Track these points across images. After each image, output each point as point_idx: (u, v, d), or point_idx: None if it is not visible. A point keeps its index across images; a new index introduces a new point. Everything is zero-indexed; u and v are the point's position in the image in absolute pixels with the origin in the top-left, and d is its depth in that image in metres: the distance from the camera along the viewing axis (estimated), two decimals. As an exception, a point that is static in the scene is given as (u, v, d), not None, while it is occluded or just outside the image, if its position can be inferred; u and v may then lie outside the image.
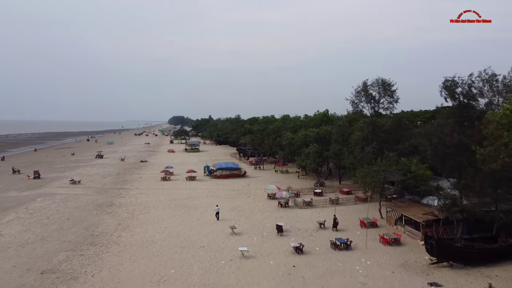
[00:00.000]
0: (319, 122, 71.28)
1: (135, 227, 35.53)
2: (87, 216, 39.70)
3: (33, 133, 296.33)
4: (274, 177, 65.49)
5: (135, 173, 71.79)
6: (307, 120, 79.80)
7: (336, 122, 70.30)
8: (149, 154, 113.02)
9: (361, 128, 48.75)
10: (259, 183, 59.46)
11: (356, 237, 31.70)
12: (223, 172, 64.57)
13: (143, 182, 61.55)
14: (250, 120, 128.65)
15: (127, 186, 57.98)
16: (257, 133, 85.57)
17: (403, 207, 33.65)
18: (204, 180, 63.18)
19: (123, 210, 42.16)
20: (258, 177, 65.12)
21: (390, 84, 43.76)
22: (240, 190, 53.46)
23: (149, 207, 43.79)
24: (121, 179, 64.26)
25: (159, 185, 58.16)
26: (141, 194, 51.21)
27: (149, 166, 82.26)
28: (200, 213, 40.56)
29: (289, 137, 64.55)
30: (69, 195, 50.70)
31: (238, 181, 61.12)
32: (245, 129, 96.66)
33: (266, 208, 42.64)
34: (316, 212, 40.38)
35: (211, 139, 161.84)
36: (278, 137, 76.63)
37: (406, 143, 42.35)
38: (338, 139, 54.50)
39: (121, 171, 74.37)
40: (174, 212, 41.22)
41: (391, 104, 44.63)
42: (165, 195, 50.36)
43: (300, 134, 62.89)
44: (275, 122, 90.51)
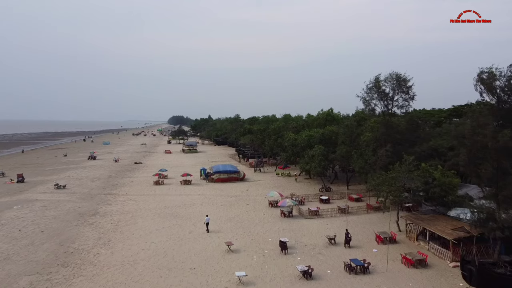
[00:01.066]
0: (323, 122, 66.76)
1: (117, 242, 30.94)
2: (65, 228, 35.12)
3: (29, 133, 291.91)
4: (276, 180, 60.94)
5: (127, 176, 67.24)
6: (310, 119, 75.19)
7: (342, 122, 65.86)
8: (144, 155, 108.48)
9: (371, 128, 44.26)
10: (260, 187, 54.92)
11: (373, 255, 27.16)
12: (220, 176, 60.03)
13: (134, 186, 56.98)
14: (249, 119, 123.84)
15: (116, 191, 53.39)
16: (257, 134, 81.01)
17: (427, 220, 29.07)
18: (200, 184, 58.62)
19: (107, 221, 37.59)
20: (259, 181, 60.55)
21: (406, 80, 39.18)
22: (238, 196, 48.89)
23: (136, 216, 39.23)
24: (111, 183, 59.70)
25: (151, 190, 53.59)
26: (130, 201, 46.63)
27: (142, 169, 77.69)
28: (193, 224, 35.99)
29: (292, 138, 60.02)
30: (51, 202, 46.12)
31: (237, 186, 56.58)
32: (244, 129, 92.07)
33: (268, 218, 38.08)
34: (323, 223, 35.82)
35: (209, 139, 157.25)
36: (280, 137, 72.16)
37: (424, 145, 37.82)
38: (345, 140, 49.94)
39: (112, 174, 69.82)
40: (164, 222, 36.65)
41: (406, 101, 40.04)
42: (156, 202, 45.79)
43: (303, 135, 58.33)
44: (276, 122, 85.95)
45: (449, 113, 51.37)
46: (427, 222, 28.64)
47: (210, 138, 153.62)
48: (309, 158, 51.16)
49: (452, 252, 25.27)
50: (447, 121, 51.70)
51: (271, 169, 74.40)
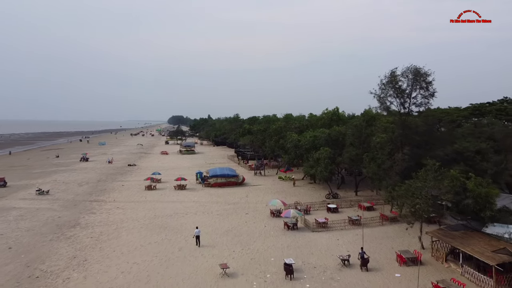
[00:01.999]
0: (328, 122, 62.21)
1: (94, 262, 26.45)
2: (37, 243, 30.64)
3: (27, 133, 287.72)
4: (277, 185, 56.44)
5: (118, 180, 62.77)
6: (313, 119, 70.62)
7: (348, 122, 61.38)
8: (140, 156, 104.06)
9: (385, 129, 39.77)
10: (260, 193, 50.42)
11: (396, 281, 22.68)
12: (217, 180, 55.51)
13: (124, 191, 52.48)
14: (249, 119, 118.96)
15: (103, 197, 48.91)
16: (257, 134, 76.45)
17: (458, 238, 24.56)
18: (196, 189, 54.11)
19: (87, 234, 33.10)
20: (259, 186, 56.04)
21: (426, 74, 34.65)
22: (237, 204, 44.40)
23: (121, 228, 34.74)
24: (100, 188, 55.21)
25: (142, 196, 49.10)
26: (116, 209, 42.15)
27: (136, 171, 73.19)
28: (185, 238, 31.48)
29: (295, 139, 55.49)
30: (29, 210, 41.65)
31: (235, 191, 52.07)
32: (244, 129, 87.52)
33: (269, 230, 33.58)
34: (333, 238, 31.30)
35: (208, 140, 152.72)
36: (281, 138, 67.66)
37: (447, 148, 33.30)
38: (354, 142, 45.42)
39: (102, 178, 65.34)
40: (151, 236, 32.15)
41: (425, 99, 35.51)
42: (145, 211, 41.31)
43: (307, 136, 53.80)
44: (277, 121, 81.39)
45: (470, 112, 46.92)
46: (460, 240, 24.13)
47: (209, 139, 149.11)
48: (314, 161, 46.64)
49: (495, 280, 20.76)
50: (468, 121, 47.23)
51: (272, 172, 69.92)
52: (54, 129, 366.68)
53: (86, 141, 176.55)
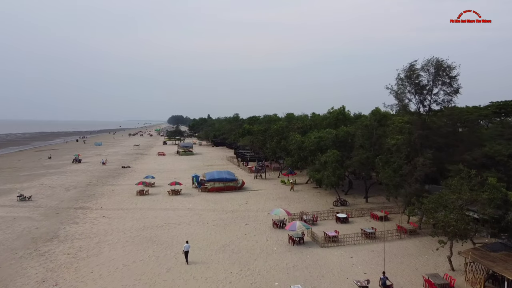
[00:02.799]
0: (333, 122, 58.08)
1: (65, 287, 22.38)
2: (4, 261, 26.55)
3: (24, 133, 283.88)
4: (280, 190, 52.33)
5: (109, 184, 58.71)
6: (318, 119, 66.46)
7: (355, 122, 57.30)
8: (135, 157, 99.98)
9: (400, 129, 35.68)
10: (261, 199, 46.33)
11: (428, 317, 18.59)
12: (215, 184, 51.39)
13: (114, 197, 48.38)
14: (249, 119, 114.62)
15: (90, 203, 44.84)
16: (257, 134, 72.32)
17: (500, 260, 20.47)
18: (191, 194, 50.01)
19: (64, 249, 29.02)
20: (259, 191, 51.93)
21: (450, 67, 30.55)
22: (235, 212, 40.31)
23: (104, 242, 30.65)
24: (88, 193, 51.12)
25: (132, 203, 45.02)
26: (102, 218, 38.08)
27: (129, 174, 69.09)
28: (175, 255, 27.39)
29: (298, 140, 51.38)
30: (5, 220, 37.57)
31: (234, 197, 47.99)
32: (243, 130, 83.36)
33: (272, 245, 29.50)
34: (346, 255, 27.22)
35: (207, 140, 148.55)
36: (283, 139, 63.60)
37: (475, 151, 29.18)
38: (364, 144, 41.33)
39: (92, 181, 61.28)
40: (137, 252, 28.08)
41: (449, 96, 31.40)
42: (134, 220, 37.23)
43: (312, 137, 49.68)
44: (279, 121, 77.25)
45: (493, 111, 42.80)
46: (503, 264, 20.02)
47: (208, 139, 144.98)
48: (321, 165, 42.52)
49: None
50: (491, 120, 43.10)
51: (273, 174, 65.83)
52: (53, 129, 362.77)
53: (83, 141, 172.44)
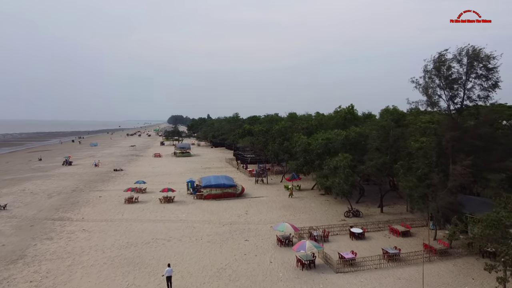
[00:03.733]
0: (341, 122, 53.23)
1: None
2: (-51, 293, 21.80)
3: (21, 133, 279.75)
4: (283, 196, 47.47)
5: (97, 189, 53.93)
6: (325, 118, 61.51)
7: (365, 122, 52.55)
8: (130, 159, 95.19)
9: (424, 130, 30.83)
10: (263, 208, 41.50)
11: None
12: (211, 191, 46.53)
13: (99, 205, 43.59)
14: (250, 119, 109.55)
15: (71, 213, 40.04)
16: (258, 135, 67.47)
17: None
18: (185, 202, 45.17)
19: (28, 275, 24.21)
20: (261, 198, 47.08)
21: (488, 57, 25.67)
22: (234, 224, 35.48)
23: (77, 264, 25.83)
24: (72, 200, 46.34)
25: (118, 212, 40.23)
26: (81, 232, 33.27)
27: (120, 178, 64.30)
28: (159, 284, 22.54)
29: (304, 142, 46.52)
30: (-32, 234, 32.79)
31: (233, 205, 43.17)
32: (243, 130, 78.52)
33: (277, 269, 24.66)
34: (367, 283, 22.35)
35: (206, 141, 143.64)
36: (286, 140, 58.83)
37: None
38: (380, 147, 36.48)
39: (80, 186, 56.52)
40: (114, 280, 23.25)
41: (486, 91, 26.54)
42: (117, 235, 32.40)
43: (319, 138, 44.83)
44: (281, 121, 72.39)
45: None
46: None
47: (207, 139, 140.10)
48: (330, 170, 37.65)
49: None
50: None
51: (276, 179, 60.97)
52: (51, 129, 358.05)
53: (78, 142, 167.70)
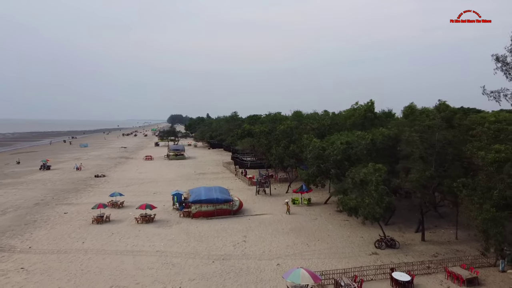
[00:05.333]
0: (360, 121, 43.97)
1: None
2: None
3: (14, 132, 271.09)
4: (291, 214, 38.24)
5: (66, 202, 44.82)
6: (340, 118, 52.13)
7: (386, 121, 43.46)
8: (117, 162, 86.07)
9: (493, 134, 21.58)
10: (266, 232, 32.27)
11: None
12: (202, 208, 37.30)
13: (58, 227, 34.41)
14: (249, 118, 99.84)
15: (18, 239, 30.85)
16: (260, 137, 58.23)
17: None
18: (169, 221, 35.97)
19: None
20: (263, 216, 37.83)
21: None
22: (227, 259, 26.22)
23: None
24: (27, 219, 37.15)
25: (79, 238, 31.04)
26: (16, 273, 24.07)
27: (99, 186, 55.16)
28: None
29: (317, 147, 37.30)
30: None
31: (228, 227, 33.96)
32: (242, 130, 69.28)
33: None
34: None
35: (203, 141, 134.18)
36: (292, 143, 49.73)
37: None
38: (425, 154, 27.23)
39: (47, 197, 47.40)
40: None
41: None
42: (64, 278, 23.17)
43: (337, 142, 35.58)
44: (286, 120, 63.12)
45: None
46: None
47: (204, 140, 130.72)
48: (356, 186, 28.34)
49: None
50: None
51: (281, 188, 51.72)
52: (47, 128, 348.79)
53: (69, 142, 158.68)
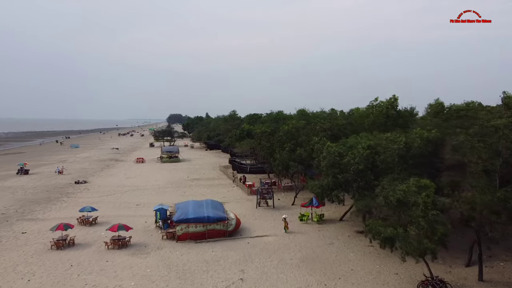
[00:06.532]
0: (383, 121, 36.56)
1: None
2: None
3: (8, 132, 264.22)
4: (301, 235, 30.81)
5: (30, 216, 37.63)
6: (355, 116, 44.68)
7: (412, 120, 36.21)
8: (105, 165, 78.85)
9: None
10: (270, 265, 24.80)
11: None
12: (189, 228, 29.87)
13: (8, 254, 27.05)
14: (249, 117, 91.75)
15: None
16: (261, 138, 50.85)
17: None
18: (147, 246, 28.56)
19: None
20: (266, 238, 30.38)
21: None
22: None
23: None
24: (-27, 242, 29.88)
25: (26, 273, 23.68)
26: None
27: (76, 196, 47.89)
28: None
29: (333, 152, 29.89)
30: None
31: (221, 255, 26.54)
32: (241, 131, 61.83)
33: None
34: None
35: (201, 142, 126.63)
36: (299, 146, 42.48)
37: None
38: (489, 167, 19.80)
39: (10, 210, 40.18)
40: None
41: None
42: None
43: (359, 147, 28.19)
44: (291, 120, 55.74)
45: None
46: None
47: (201, 140, 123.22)
48: (391, 205, 20.97)
49: None
50: None
51: (285, 198, 44.34)
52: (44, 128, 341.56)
53: (60, 143, 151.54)
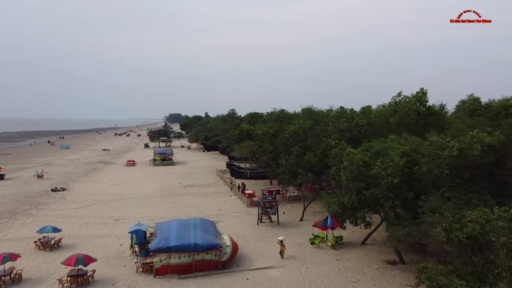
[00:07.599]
0: (412, 120, 29.88)
1: None
2: None
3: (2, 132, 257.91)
4: (312, 266, 24.24)
5: (-16, 236, 30.95)
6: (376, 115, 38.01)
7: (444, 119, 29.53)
8: (92, 168, 72.17)
9: None
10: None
11: None
12: (171, 259, 23.17)
13: None
14: (249, 116, 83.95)
15: None
16: (262, 140, 44.16)
17: None
18: (115, 284, 21.96)
19: None
20: (270, 272, 23.68)
21: None
22: None
23: None
24: None
25: None
26: None
27: (50, 206, 41.33)
28: None
29: (357, 161, 23.23)
30: None
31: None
32: (240, 131, 55.11)
33: None
34: None
35: (198, 142, 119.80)
36: (308, 150, 35.98)
37: None
38: None
39: (-37, 228, 33.55)
40: None
41: None
42: None
43: (393, 154, 21.54)
44: (296, 119, 49.06)
45: None
46: None
47: (198, 141, 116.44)
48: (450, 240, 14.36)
49: None
50: None
51: (291, 212, 37.70)
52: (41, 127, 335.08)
53: (50, 144, 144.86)
